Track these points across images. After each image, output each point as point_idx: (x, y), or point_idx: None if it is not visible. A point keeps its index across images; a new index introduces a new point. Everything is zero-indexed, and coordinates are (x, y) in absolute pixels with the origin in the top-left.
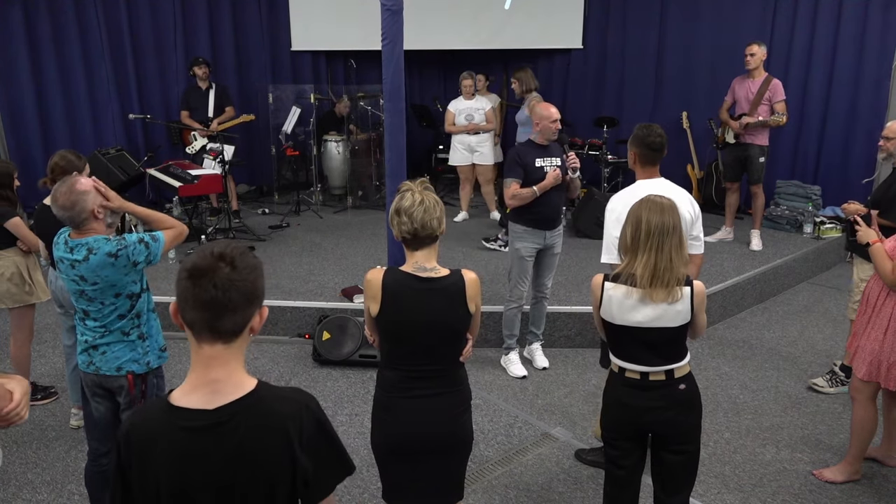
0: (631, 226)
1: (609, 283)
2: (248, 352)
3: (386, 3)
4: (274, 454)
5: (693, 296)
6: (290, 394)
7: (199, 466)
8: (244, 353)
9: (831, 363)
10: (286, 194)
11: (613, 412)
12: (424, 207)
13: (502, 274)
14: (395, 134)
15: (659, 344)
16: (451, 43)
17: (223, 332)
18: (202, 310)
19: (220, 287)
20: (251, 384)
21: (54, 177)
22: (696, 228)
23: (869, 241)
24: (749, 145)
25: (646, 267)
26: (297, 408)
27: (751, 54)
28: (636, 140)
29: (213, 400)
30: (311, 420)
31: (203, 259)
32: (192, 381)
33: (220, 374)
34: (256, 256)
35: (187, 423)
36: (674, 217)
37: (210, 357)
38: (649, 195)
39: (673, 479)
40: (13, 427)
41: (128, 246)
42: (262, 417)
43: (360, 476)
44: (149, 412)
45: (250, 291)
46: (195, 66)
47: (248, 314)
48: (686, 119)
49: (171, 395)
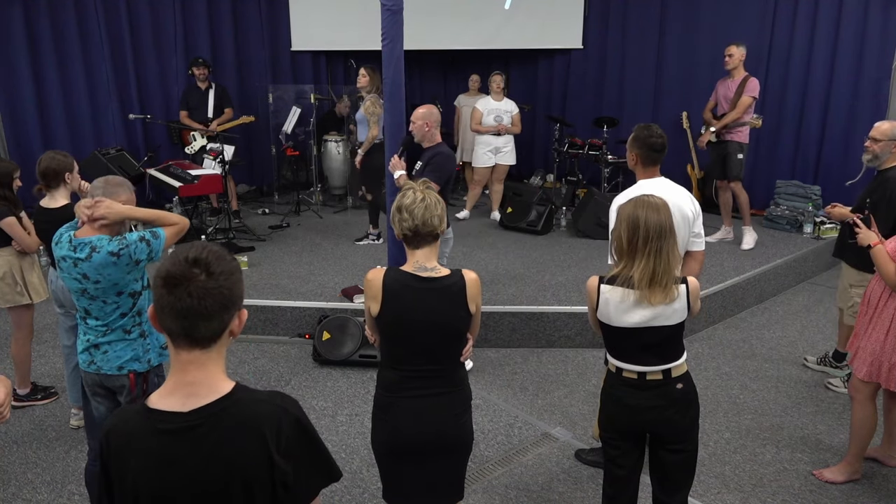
0: (628, 228)
1: (605, 285)
2: (248, 352)
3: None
4: (250, 457)
5: (689, 293)
6: (268, 397)
7: (174, 470)
8: (224, 355)
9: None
10: (286, 194)
11: (611, 412)
12: (426, 205)
13: (502, 274)
14: (395, 134)
15: (656, 343)
16: (452, 43)
17: (200, 339)
18: (179, 318)
19: (196, 296)
20: (228, 387)
21: (48, 181)
22: (697, 226)
23: (870, 244)
24: (728, 142)
25: (644, 271)
26: (274, 411)
27: (729, 55)
28: (637, 141)
29: (188, 403)
30: (290, 423)
31: (177, 266)
32: (170, 384)
33: (197, 377)
34: (234, 258)
35: (162, 426)
36: (669, 216)
37: (187, 361)
38: (641, 195)
39: (671, 478)
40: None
41: (129, 245)
42: (237, 420)
43: (360, 476)
44: (126, 414)
45: (227, 297)
46: (194, 67)
47: (226, 320)
48: (686, 119)
49: (149, 398)
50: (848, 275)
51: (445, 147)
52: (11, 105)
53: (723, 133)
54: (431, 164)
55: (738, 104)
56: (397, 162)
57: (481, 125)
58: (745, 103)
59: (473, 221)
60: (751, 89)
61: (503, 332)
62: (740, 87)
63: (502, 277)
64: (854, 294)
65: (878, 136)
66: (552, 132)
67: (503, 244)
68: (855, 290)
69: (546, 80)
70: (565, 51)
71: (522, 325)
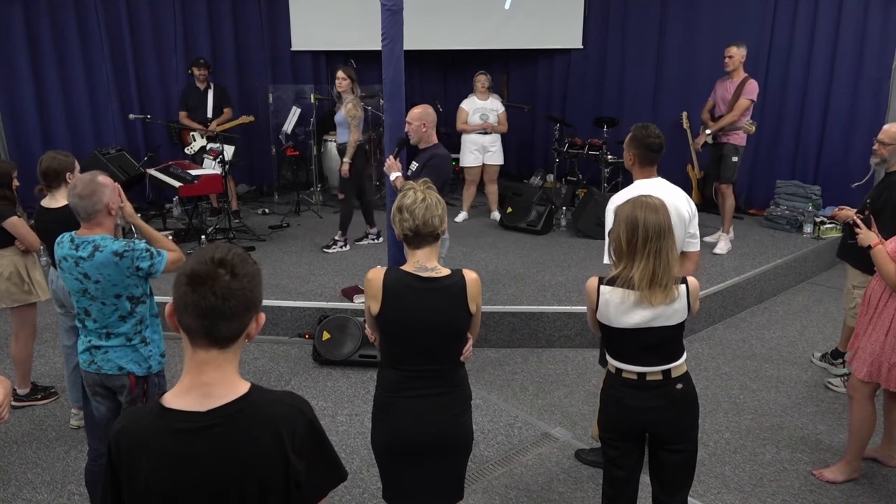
0: (627, 229)
1: (605, 286)
2: (248, 352)
3: (386, 3)
4: (266, 457)
5: (689, 293)
6: (283, 397)
7: (190, 469)
8: (239, 357)
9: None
10: (286, 194)
11: (611, 412)
12: (426, 205)
13: (503, 274)
14: (395, 134)
15: (656, 344)
16: (452, 43)
17: (219, 338)
18: (201, 317)
19: (220, 295)
20: (244, 387)
21: (49, 181)
22: (693, 226)
23: (870, 244)
24: (724, 144)
25: (644, 272)
26: (289, 411)
27: (729, 56)
28: (634, 141)
29: (206, 402)
30: (304, 423)
31: (202, 265)
32: (186, 383)
33: (214, 377)
34: (255, 262)
35: (179, 426)
36: (667, 216)
37: (204, 361)
38: (639, 196)
39: (671, 478)
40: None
41: (135, 250)
42: (254, 420)
43: (360, 476)
44: (139, 414)
45: (248, 300)
46: (195, 67)
47: (246, 321)
48: (686, 119)
49: (164, 398)
50: (851, 276)
51: (442, 148)
52: (11, 105)
53: (719, 135)
54: (429, 167)
55: (736, 106)
56: (393, 163)
57: (467, 124)
58: (742, 106)
59: (473, 221)
60: (749, 91)
61: (503, 332)
62: (738, 89)
63: (502, 277)
64: (857, 295)
65: (887, 139)
66: (552, 132)
67: (503, 244)
68: (857, 292)
69: (546, 80)
70: (565, 51)
71: (522, 325)
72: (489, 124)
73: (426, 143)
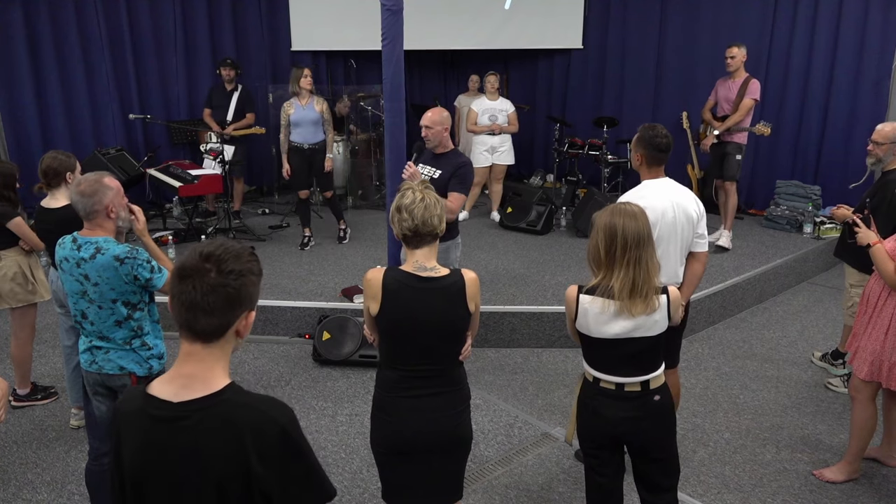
0: (605, 237)
1: (585, 295)
2: (249, 352)
3: (386, 3)
4: (225, 459)
5: (669, 304)
6: (258, 402)
7: (156, 457)
8: (228, 354)
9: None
10: (286, 194)
11: (588, 422)
12: (425, 205)
13: (503, 274)
14: (395, 134)
15: (635, 354)
16: (451, 43)
17: (199, 332)
18: (183, 309)
19: (200, 290)
20: (220, 384)
21: (48, 180)
22: (701, 227)
23: (869, 243)
24: (727, 143)
25: (624, 281)
26: (259, 418)
27: (731, 56)
28: (642, 141)
29: (181, 394)
30: (274, 432)
31: (190, 259)
32: (171, 372)
33: (194, 370)
34: (254, 259)
35: (153, 412)
36: (646, 224)
37: (187, 353)
38: (617, 203)
39: (655, 482)
40: (13, 427)
41: (136, 258)
42: (220, 420)
43: (361, 476)
44: (133, 393)
45: (232, 296)
46: (222, 67)
47: (229, 318)
48: (686, 119)
49: (151, 384)
50: (848, 274)
51: (465, 156)
52: (11, 105)
53: (723, 134)
54: (458, 176)
55: (741, 106)
56: (416, 171)
57: (476, 125)
58: (746, 105)
59: (473, 221)
60: (752, 91)
61: (503, 332)
62: (742, 89)
63: (502, 277)
64: (854, 294)
65: (880, 139)
66: (552, 132)
67: (503, 244)
68: (854, 290)
69: (546, 80)
70: (565, 51)
71: (522, 325)
72: (498, 125)
73: (444, 148)
